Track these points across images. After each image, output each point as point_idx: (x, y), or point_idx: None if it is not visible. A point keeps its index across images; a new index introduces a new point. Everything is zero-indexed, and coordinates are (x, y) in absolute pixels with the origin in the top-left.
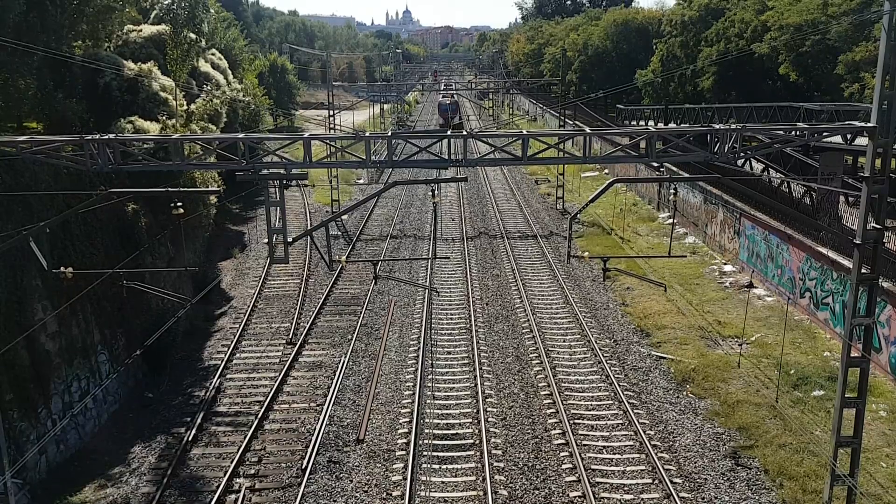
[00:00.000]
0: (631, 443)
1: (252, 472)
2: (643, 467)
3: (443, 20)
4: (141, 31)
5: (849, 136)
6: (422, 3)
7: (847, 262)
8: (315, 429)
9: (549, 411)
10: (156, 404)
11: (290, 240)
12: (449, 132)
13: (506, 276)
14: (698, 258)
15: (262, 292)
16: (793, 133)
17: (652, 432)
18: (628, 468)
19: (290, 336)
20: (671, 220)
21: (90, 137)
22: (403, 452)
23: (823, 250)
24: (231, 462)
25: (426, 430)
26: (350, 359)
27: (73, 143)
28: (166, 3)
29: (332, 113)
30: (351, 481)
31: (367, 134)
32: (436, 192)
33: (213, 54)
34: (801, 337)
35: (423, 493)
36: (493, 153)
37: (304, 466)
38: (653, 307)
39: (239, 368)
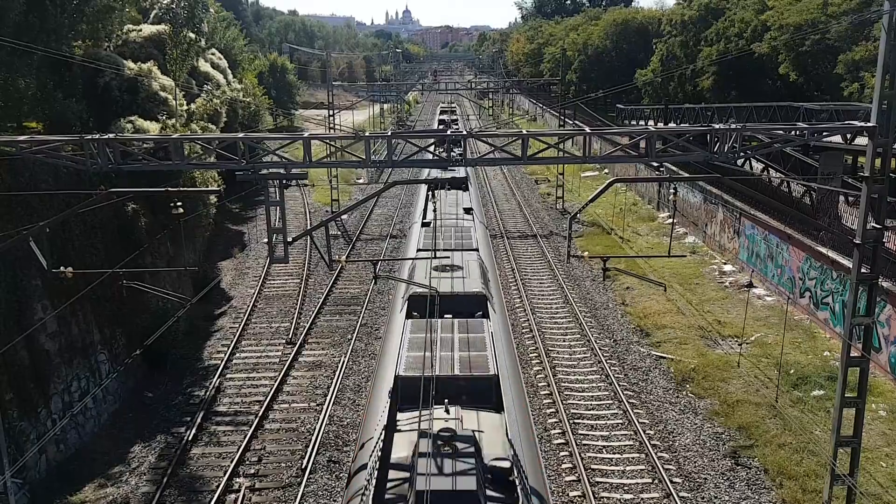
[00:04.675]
0: (631, 442)
1: (252, 471)
2: (643, 467)
3: (442, 20)
4: (141, 30)
5: (849, 136)
6: (421, 3)
7: (847, 262)
8: (315, 428)
9: (548, 411)
10: (156, 404)
11: (289, 239)
12: (449, 131)
13: (506, 276)
14: (698, 258)
15: (262, 292)
16: (793, 133)
17: (652, 432)
18: (628, 468)
19: (290, 336)
20: (671, 220)
21: (90, 137)
22: None
23: (823, 250)
24: (231, 461)
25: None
26: (350, 358)
27: (73, 142)
28: (166, 2)
29: (331, 113)
30: None
31: (366, 134)
32: (435, 192)
33: (212, 54)
34: (800, 336)
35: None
36: (493, 153)
37: (304, 466)
38: (652, 307)
39: (239, 368)
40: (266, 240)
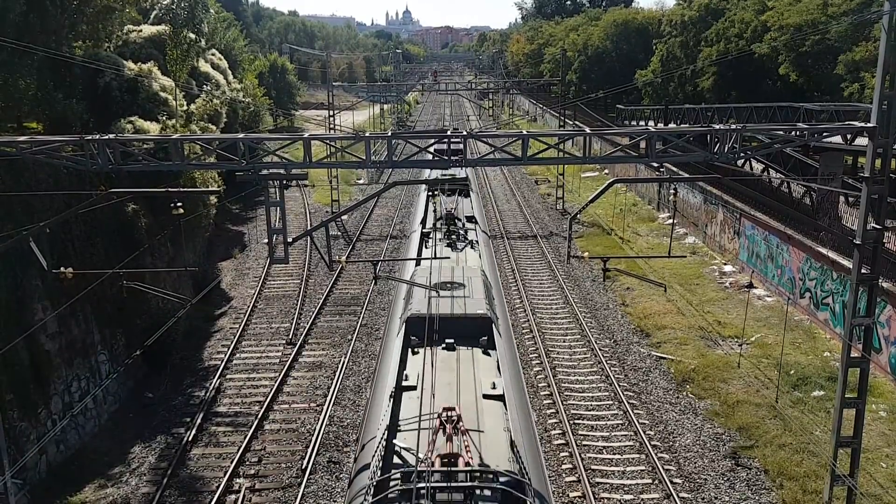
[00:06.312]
0: (631, 443)
1: (252, 472)
2: (643, 467)
3: (443, 20)
4: (141, 31)
5: (849, 137)
6: (422, 4)
7: (847, 263)
8: (315, 429)
9: (549, 411)
10: (156, 404)
11: (290, 240)
12: (449, 132)
13: (506, 276)
14: (698, 258)
15: (262, 292)
16: (793, 133)
17: (652, 432)
18: (628, 468)
19: (290, 336)
20: (671, 221)
21: (90, 137)
22: None
23: (823, 250)
24: (231, 462)
25: None
26: (350, 359)
27: (74, 143)
28: (166, 3)
29: (331, 113)
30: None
31: (366, 134)
32: (436, 192)
33: (213, 54)
34: (801, 337)
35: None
36: (493, 153)
37: (304, 466)
38: (653, 307)
39: (239, 369)
40: (266, 240)
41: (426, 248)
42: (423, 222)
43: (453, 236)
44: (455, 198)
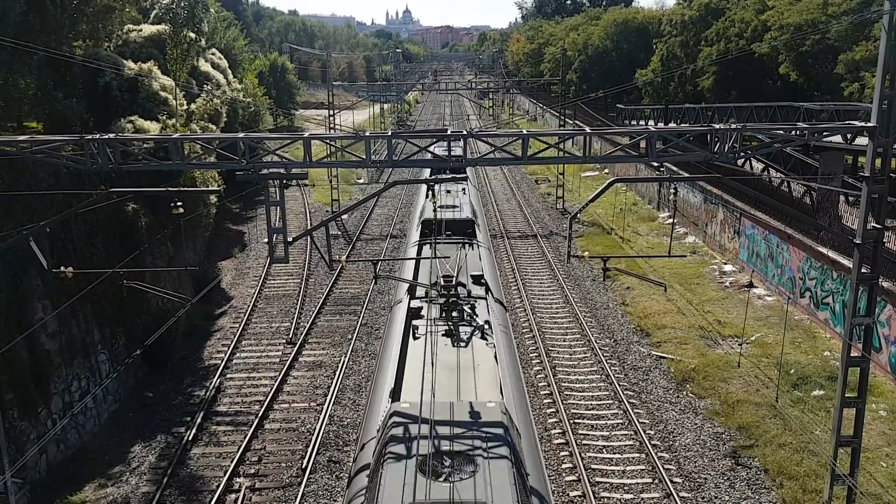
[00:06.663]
0: (631, 442)
1: (252, 471)
2: (643, 467)
3: (443, 20)
4: (141, 30)
5: (849, 136)
6: (422, 3)
7: (847, 262)
8: (315, 428)
9: (549, 411)
10: (156, 404)
11: (290, 239)
12: (449, 131)
13: (506, 276)
14: (698, 258)
15: (263, 292)
16: (793, 133)
17: (652, 432)
18: (628, 468)
19: (291, 336)
20: (671, 220)
21: (90, 137)
22: None
23: (823, 250)
24: (231, 461)
25: None
26: (350, 358)
27: (74, 142)
28: (166, 2)
29: (332, 112)
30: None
31: (366, 133)
32: (435, 191)
33: (213, 54)
34: (801, 336)
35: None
36: (493, 153)
37: (304, 466)
38: (653, 307)
39: (239, 368)
40: (266, 240)
41: (414, 337)
42: (412, 290)
43: (454, 314)
44: (457, 250)
